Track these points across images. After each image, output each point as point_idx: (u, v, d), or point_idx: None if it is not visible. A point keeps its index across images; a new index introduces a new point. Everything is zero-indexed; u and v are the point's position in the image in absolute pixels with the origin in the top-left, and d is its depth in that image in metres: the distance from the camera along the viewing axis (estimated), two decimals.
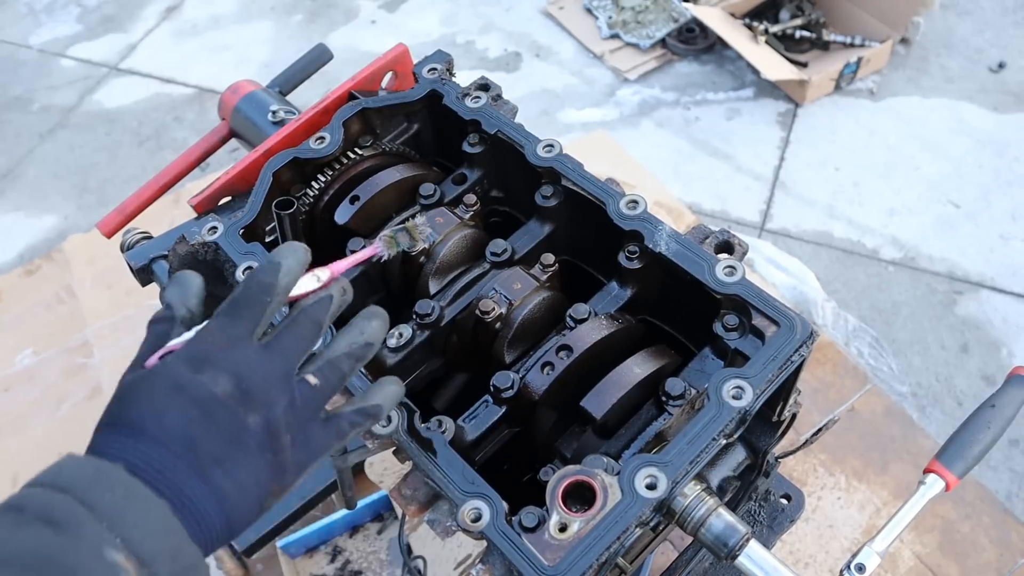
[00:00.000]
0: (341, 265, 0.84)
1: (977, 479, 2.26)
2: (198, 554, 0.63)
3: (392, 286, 1.14)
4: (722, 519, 0.87)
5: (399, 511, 2.03)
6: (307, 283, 0.79)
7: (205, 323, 0.72)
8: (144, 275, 1.18)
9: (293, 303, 0.77)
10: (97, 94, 4.16)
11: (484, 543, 0.82)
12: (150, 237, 1.20)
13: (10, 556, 0.55)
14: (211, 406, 0.66)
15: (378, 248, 0.95)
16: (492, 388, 0.97)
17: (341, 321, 0.80)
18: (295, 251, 0.76)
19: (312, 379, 0.72)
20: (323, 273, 0.81)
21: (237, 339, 0.70)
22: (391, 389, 0.80)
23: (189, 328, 0.74)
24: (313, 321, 0.74)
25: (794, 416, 1.07)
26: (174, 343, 0.72)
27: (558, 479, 0.82)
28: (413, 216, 1.05)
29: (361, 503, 1.99)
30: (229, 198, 1.22)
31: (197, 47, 4.38)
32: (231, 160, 3.19)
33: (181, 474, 0.64)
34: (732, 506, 1.19)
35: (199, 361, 0.68)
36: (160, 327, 0.73)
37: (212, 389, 0.67)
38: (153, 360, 0.71)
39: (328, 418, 0.74)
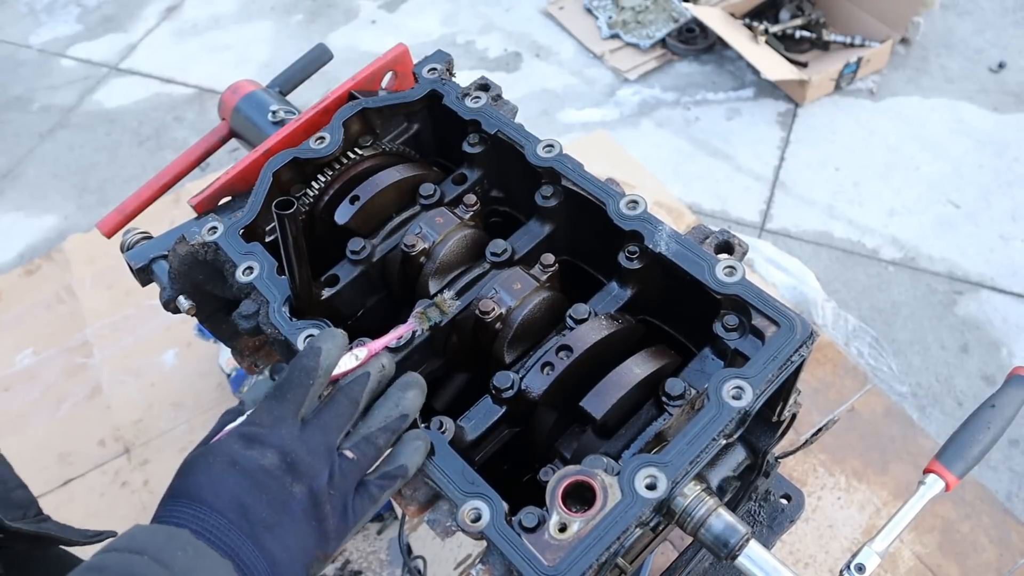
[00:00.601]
0: (378, 343, 0.90)
1: (977, 479, 2.26)
2: None
3: (392, 286, 1.14)
4: (722, 519, 0.87)
5: (399, 511, 2.03)
6: (346, 362, 0.86)
7: (256, 406, 0.81)
8: (144, 275, 1.18)
9: (335, 380, 0.85)
10: (97, 94, 4.16)
11: (484, 543, 0.82)
12: (150, 237, 1.20)
13: None
14: (260, 476, 0.74)
15: (412, 325, 1.00)
16: (492, 388, 0.97)
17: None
18: (334, 336, 0.85)
19: (349, 454, 0.79)
20: (361, 352, 0.87)
21: (282, 419, 0.78)
22: (415, 445, 0.85)
23: None
24: (350, 399, 0.82)
25: (794, 416, 1.07)
26: (230, 427, 0.80)
27: (558, 479, 0.82)
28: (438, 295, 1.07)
29: None
30: (229, 198, 1.22)
31: (197, 47, 4.38)
32: (231, 160, 3.19)
33: (236, 538, 0.71)
34: (732, 506, 1.19)
35: (249, 438, 0.76)
36: (227, 417, 0.83)
37: (261, 462, 0.75)
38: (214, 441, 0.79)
39: (358, 486, 0.80)
